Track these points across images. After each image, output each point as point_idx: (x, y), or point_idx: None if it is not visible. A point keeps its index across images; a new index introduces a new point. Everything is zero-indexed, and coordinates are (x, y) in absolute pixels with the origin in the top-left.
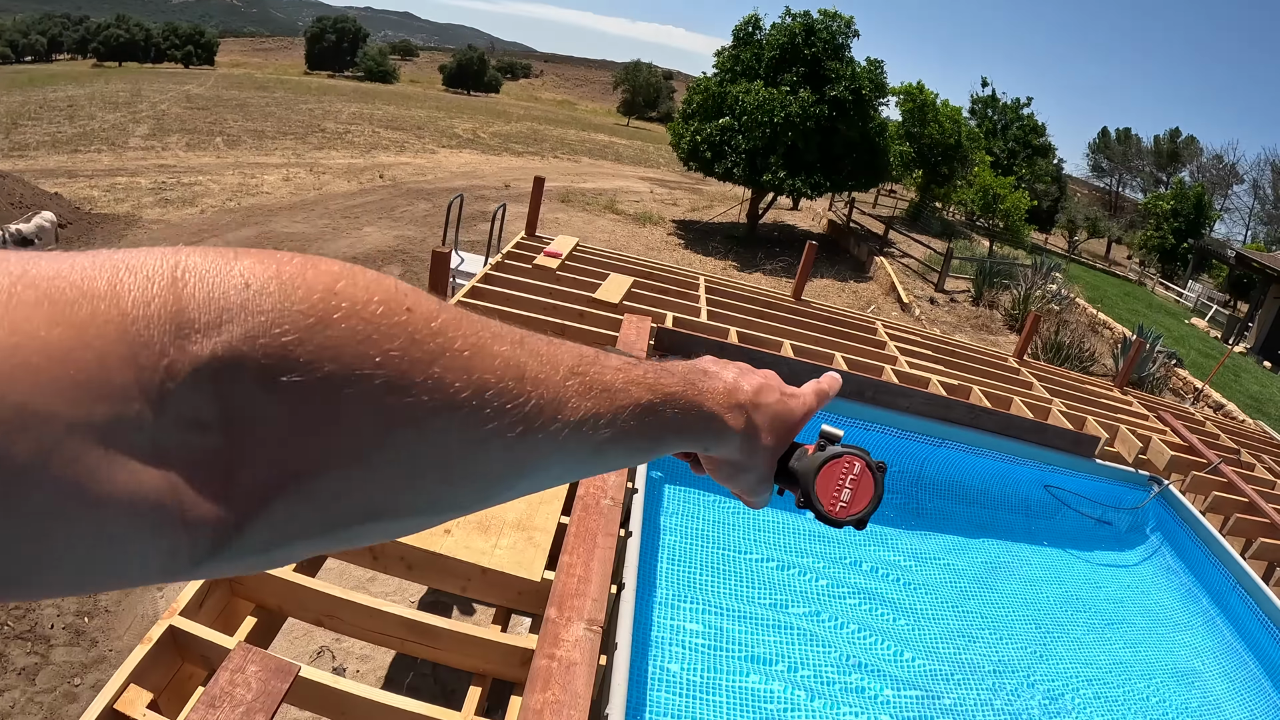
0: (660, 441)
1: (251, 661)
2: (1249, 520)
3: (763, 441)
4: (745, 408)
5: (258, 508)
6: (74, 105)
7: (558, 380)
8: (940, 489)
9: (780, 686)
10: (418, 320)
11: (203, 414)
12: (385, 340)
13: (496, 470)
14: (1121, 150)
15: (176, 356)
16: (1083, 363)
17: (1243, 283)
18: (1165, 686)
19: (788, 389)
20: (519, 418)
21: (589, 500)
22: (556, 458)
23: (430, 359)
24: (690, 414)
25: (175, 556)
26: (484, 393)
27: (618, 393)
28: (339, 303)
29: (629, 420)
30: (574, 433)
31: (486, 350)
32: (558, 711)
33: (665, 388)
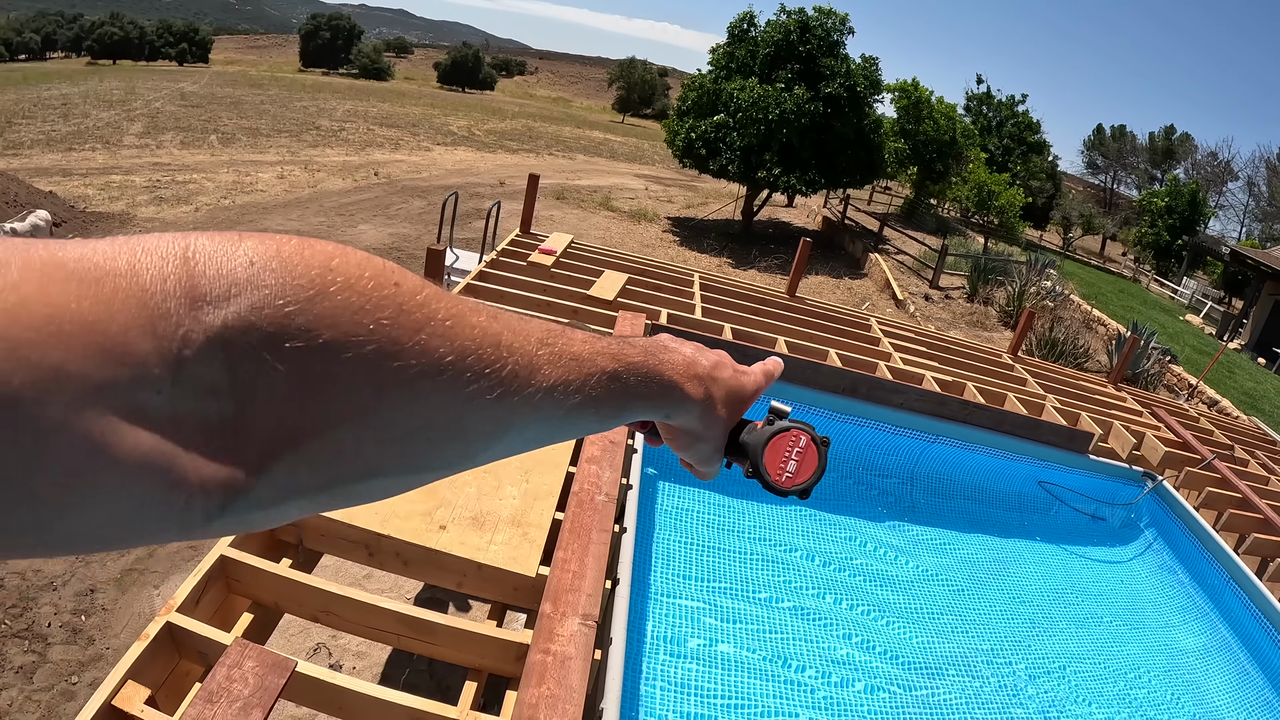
0: (626, 407)
1: (249, 657)
2: (1242, 516)
3: (718, 413)
4: (703, 380)
5: (265, 466)
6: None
7: (530, 349)
8: (934, 485)
9: (774, 681)
10: (405, 293)
11: (215, 379)
12: (376, 310)
13: (478, 430)
14: (1116, 147)
15: (191, 326)
16: (1077, 359)
17: (1237, 279)
18: (1158, 681)
19: (740, 367)
20: (497, 381)
21: (584, 496)
22: (532, 420)
23: (417, 327)
24: (653, 382)
25: (190, 511)
26: (465, 358)
27: (585, 361)
28: (334, 277)
29: (596, 387)
30: (546, 397)
31: (466, 320)
32: (553, 706)
33: (628, 358)
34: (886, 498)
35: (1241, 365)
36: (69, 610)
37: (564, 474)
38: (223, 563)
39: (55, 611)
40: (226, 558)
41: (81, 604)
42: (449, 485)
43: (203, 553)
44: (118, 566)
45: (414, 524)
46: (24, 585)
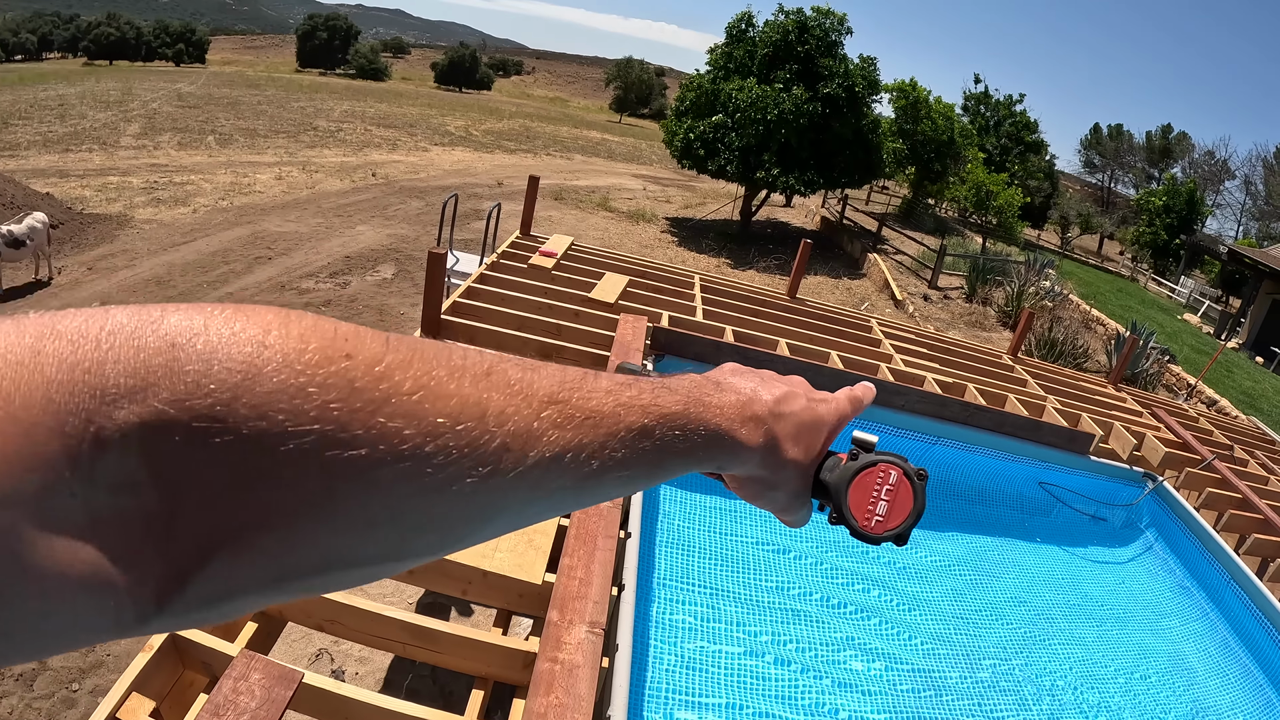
0: (662, 466)
1: (255, 669)
2: (1242, 516)
3: (787, 454)
4: (764, 419)
5: (199, 564)
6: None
7: (529, 413)
8: (936, 487)
9: (781, 685)
10: (358, 365)
11: (135, 477)
12: (321, 392)
13: (460, 516)
14: (1114, 146)
15: (103, 424)
16: (1076, 359)
17: (1235, 278)
18: (1159, 681)
19: (816, 394)
20: (480, 460)
21: None
22: (534, 496)
23: (373, 408)
24: (695, 435)
25: (121, 616)
26: (438, 438)
27: (605, 419)
28: (270, 355)
29: (620, 448)
30: (551, 468)
31: (439, 391)
32: (561, 715)
33: (663, 408)
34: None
35: (1240, 364)
36: None
37: None
38: None
39: None
40: None
41: None
42: None
43: None
44: None
45: None
46: None
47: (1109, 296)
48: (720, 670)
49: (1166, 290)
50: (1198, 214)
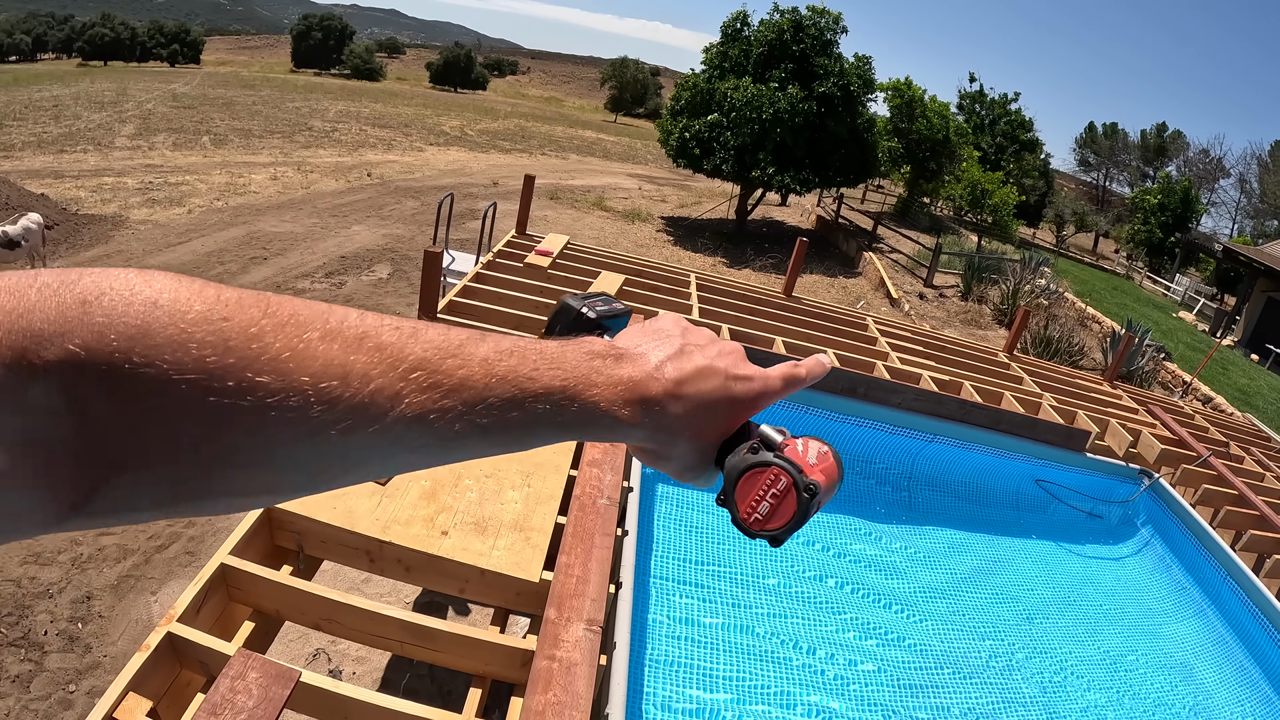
0: (533, 434)
1: (252, 668)
2: (1239, 512)
3: (679, 434)
4: (657, 400)
5: (104, 480)
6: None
7: (394, 376)
8: (932, 484)
9: (779, 682)
10: (234, 328)
11: (55, 405)
12: (199, 348)
13: (324, 461)
14: (1108, 145)
15: (33, 360)
16: (1072, 357)
17: (1230, 276)
18: (1157, 677)
19: (740, 371)
20: (340, 415)
21: (585, 500)
22: (396, 449)
23: (244, 364)
24: (568, 410)
25: (46, 514)
26: (300, 394)
27: (473, 387)
28: (159, 314)
29: (485, 415)
30: (413, 426)
31: (307, 353)
32: (559, 712)
33: (539, 383)
34: (887, 499)
35: (1235, 362)
36: (65, 618)
37: (565, 477)
38: (223, 571)
39: (52, 619)
40: (227, 566)
41: (78, 611)
42: (451, 491)
43: (203, 560)
44: (114, 573)
45: (416, 530)
46: (19, 593)
47: (1104, 294)
48: (718, 667)
49: (1162, 288)
50: (1192, 212)
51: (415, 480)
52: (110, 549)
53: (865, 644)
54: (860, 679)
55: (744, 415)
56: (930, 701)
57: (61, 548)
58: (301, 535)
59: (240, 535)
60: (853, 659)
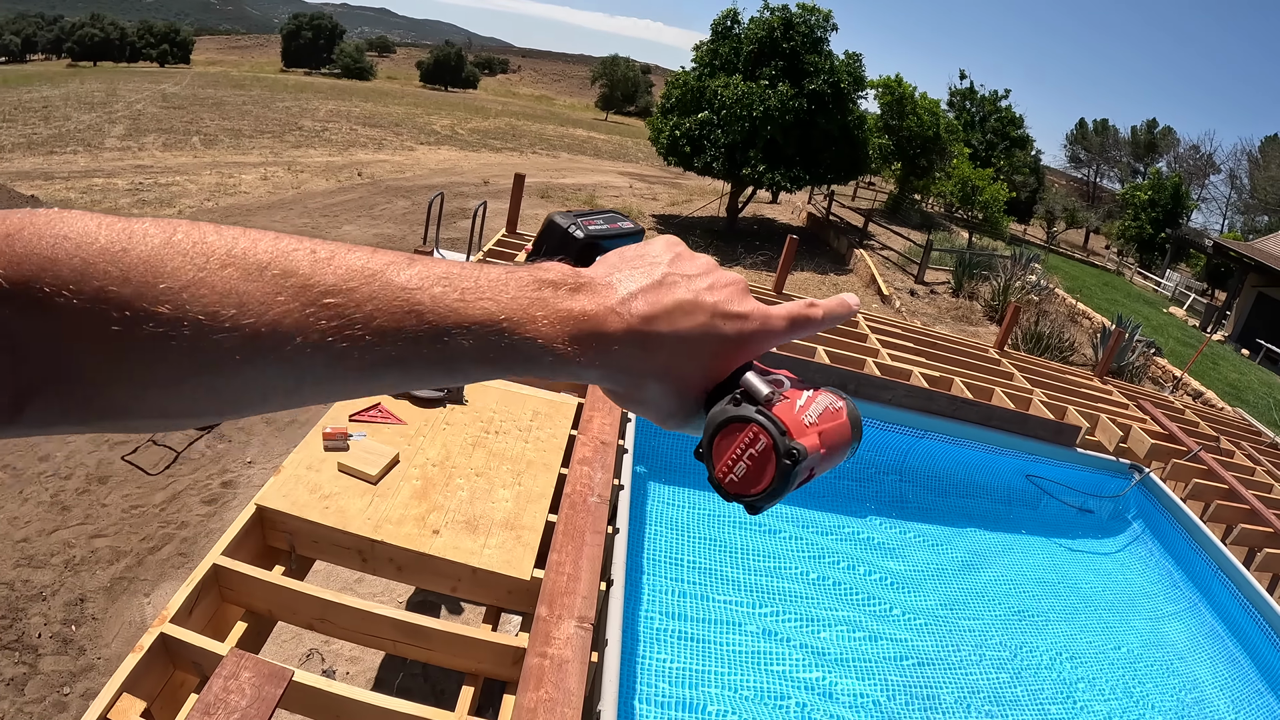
0: (453, 369)
1: (245, 668)
2: (1229, 506)
3: (656, 375)
4: (618, 337)
5: (30, 396)
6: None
7: (297, 306)
8: (923, 480)
9: (768, 678)
10: (132, 259)
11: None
12: (101, 277)
13: (230, 386)
14: (1099, 141)
15: None
16: (1063, 353)
17: (1220, 272)
18: (1148, 670)
19: (734, 308)
20: (236, 343)
21: (576, 498)
22: (304, 377)
23: (142, 292)
24: (498, 344)
25: None
26: (195, 322)
27: (388, 316)
28: (68, 245)
29: (398, 347)
30: (317, 356)
31: (205, 282)
32: (551, 709)
33: (465, 314)
34: (877, 493)
35: (1225, 357)
36: (59, 620)
37: (556, 476)
38: (215, 571)
39: (45, 622)
40: (219, 566)
41: (71, 614)
42: (442, 490)
43: (196, 561)
44: (107, 575)
45: (407, 529)
46: (12, 596)
47: (1095, 290)
48: (709, 664)
49: (1152, 284)
50: (1183, 208)
51: (406, 479)
52: (103, 551)
53: (854, 640)
54: (849, 675)
55: (736, 359)
56: (919, 696)
57: (54, 550)
58: (294, 535)
59: (232, 536)
60: (842, 655)
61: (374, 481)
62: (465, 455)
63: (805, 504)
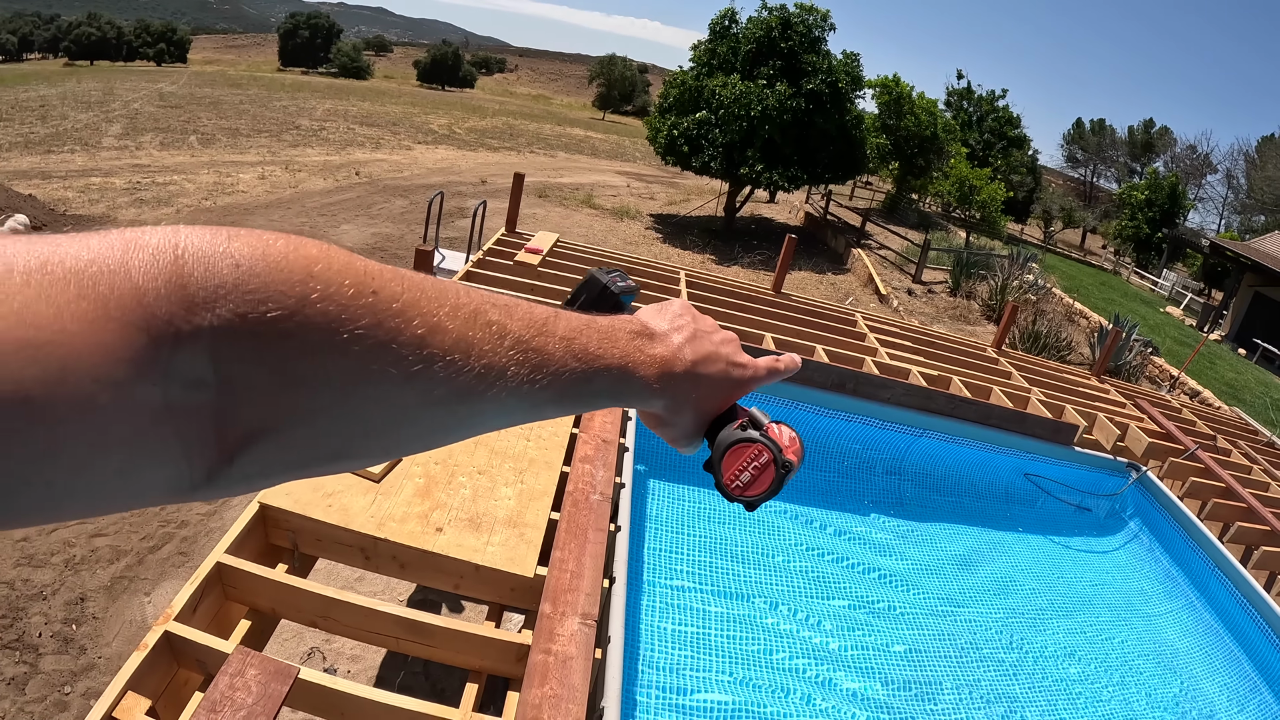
0: (592, 403)
1: (251, 665)
2: (1226, 505)
3: (690, 406)
4: (680, 377)
5: (242, 448)
6: (46, 105)
7: (502, 351)
8: (922, 479)
9: (770, 674)
10: (382, 301)
11: (202, 374)
12: (353, 320)
13: (441, 424)
14: (1096, 141)
15: (181, 326)
16: (1060, 352)
17: (1217, 271)
18: (1146, 668)
19: (738, 359)
20: (463, 385)
21: (579, 496)
22: (495, 412)
23: (390, 337)
24: (621, 383)
25: (179, 483)
26: (434, 364)
27: (557, 363)
28: (316, 285)
29: (564, 387)
30: (511, 395)
31: (440, 328)
32: (556, 705)
33: (603, 360)
34: (877, 492)
35: (1222, 356)
36: (60, 619)
37: (558, 474)
38: (219, 570)
39: (46, 621)
40: (222, 564)
41: (72, 613)
42: (445, 487)
43: (196, 560)
44: (108, 574)
45: (410, 527)
46: (13, 595)
47: (1092, 290)
48: (712, 659)
49: (1149, 283)
50: (1180, 208)
51: (409, 477)
52: (103, 550)
53: (856, 636)
54: (849, 669)
55: (736, 396)
56: (918, 693)
57: (55, 549)
58: (296, 533)
59: (235, 534)
60: (842, 650)
61: (377, 480)
62: (468, 453)
63: (806, 502)
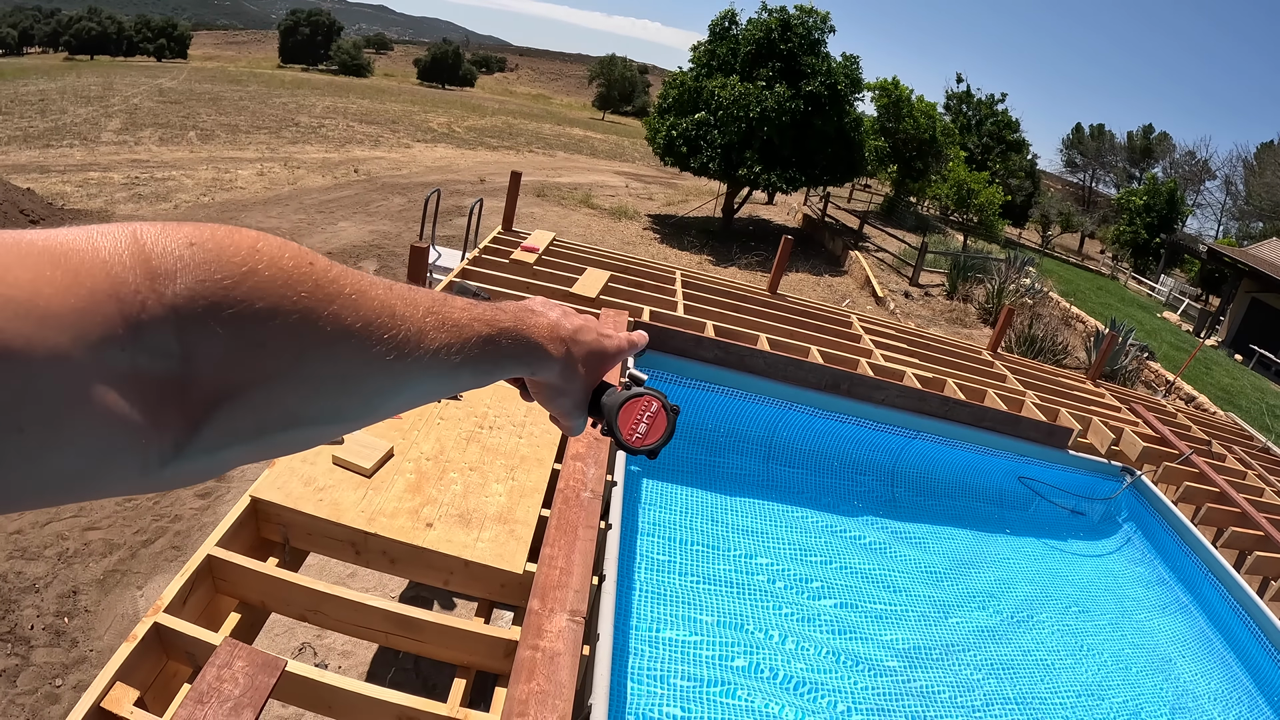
0: (499, 365)
1: (238, 657)
2: (1220, 510)
3: (578, 370)
4: (565, 341)
5: (206, 416)
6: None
7: (418, 317)
8: (915, 481)
9: (759, 674)
10: (319, 270)
11: (167, 342)
12: (298, 284)
13: (379, 385)
14: (1095, 146)
15: (148, 295)
16: (1056, 356)
17: (1214, 277)
18: (1138, 673)
19: (605, 331)
20: (393, 345)
21: (569, 493)
22: (423, 377)
23: (330, 299)
24: (521, 343)
25: (148, 457)
26: (369, 324)
27: (464, 327)
28: (262, 257)
29: (474, 349)
30: (433, 358)
31: (368, 294)
32: (542, 701)
33: (500, 323)
34: (868, 493)
35: (1219, 362)
36: (52, 612)
37: (549, 471)
38: (209, 562)
39: (38, 614)
40: (213, 557)
41: (64, 606)
42: (435, 483)
43: (189, 554)
44: (100, 568)
45: (401, 522)
46: (5, 588)
47: (1089, 294)
48: (701, 658)
49: (1146, 289)
50: (1178, 213)
51: (400, 473)
52: (96, 544)
53: (846, 636)
54: (840, 669)
55: (609, 365)
56: (911, 693)
57: (48, 543)
58: (287, 528)
59: (226, 527)
60: (833, 650)
61: (368, 475)
62: (459, 450)
63: (798, 503)
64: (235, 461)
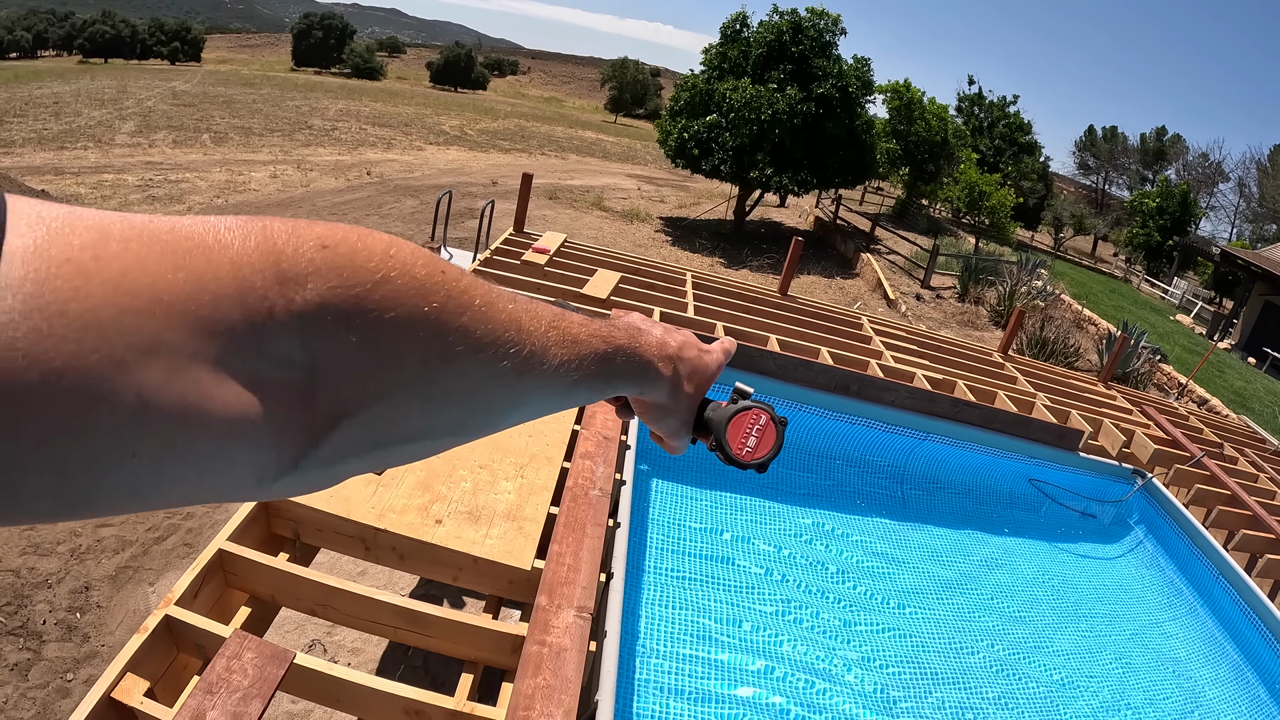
0: (611, 383)
1: (248, 649)
2: (1231, 512)
3: (684, 389)
4: (672, 359)
5: (329, 429)
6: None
7: (541, 331)
8: (925, 483)
9: (765, 671)
10: (450, 279)
11: (291, 353)
12: (430, 294)
13: (501, 400)
14: (1108, 148)
15: (276, 301)
16: (1067, 358)
17: (1227, 280)
18: (1149, 675)
19: (704, 346)
20: (519, 360)
21: (578, 491)
22: (542, 392)
23: (461, 310)
24: (634, 362)
25: (265, 468)
26: (497, 338)
27: (583, 343)
28: (395, 263)
29: (591, 366)
30: (554, 374)
31: (496, 306)
32: (549, 696)
33: (615, 340)
34: (878, 494)
35: (1231, 365)
36: (64, 607)
37: (559, 469)
38: (220, 556)
39: (50, 609)
40: (224, 551)
41: (77, 601)
42: (445, 480)
43: (199, 548)
44: (113, 564)
45: (410, 518)
46: (19, 583)
47: (1101, 297)
48: (707, 655)
49: (1159, 291)
50: (1191, 216)
51: (410, 470)
52: (109, 540)
53: (854, 638)
54: (846, 667)
55: (713, 379)
56: (920, 692)
57: (60, 539)
58: (298, 523)
59: (238, 522)
60: (840, 648)
61: (378, 471)
62: (469, 448)
63: (807, 504)
64: (349, 474)
